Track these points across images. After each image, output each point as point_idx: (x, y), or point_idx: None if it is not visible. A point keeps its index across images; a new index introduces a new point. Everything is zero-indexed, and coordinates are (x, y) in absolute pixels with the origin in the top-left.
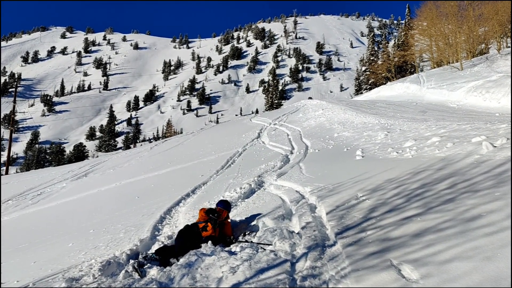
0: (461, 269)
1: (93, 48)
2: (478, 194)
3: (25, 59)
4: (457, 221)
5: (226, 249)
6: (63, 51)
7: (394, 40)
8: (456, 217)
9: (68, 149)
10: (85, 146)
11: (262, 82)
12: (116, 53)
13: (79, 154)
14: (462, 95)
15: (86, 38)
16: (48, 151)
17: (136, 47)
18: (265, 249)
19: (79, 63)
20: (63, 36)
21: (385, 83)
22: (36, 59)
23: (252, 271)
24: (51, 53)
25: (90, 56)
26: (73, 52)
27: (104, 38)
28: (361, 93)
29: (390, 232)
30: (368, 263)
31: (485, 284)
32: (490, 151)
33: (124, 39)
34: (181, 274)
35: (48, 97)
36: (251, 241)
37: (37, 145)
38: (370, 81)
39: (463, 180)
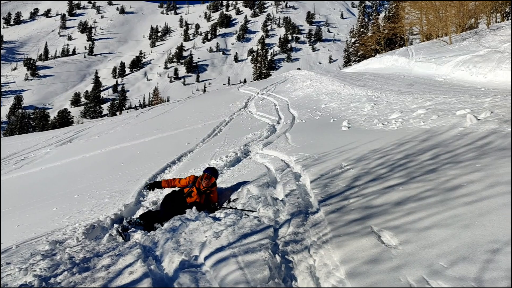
0: (440, 236)
1: (78, 11)
2: (459, 165)
3: (7, 21)
4: (438, 191)
5: (211, 215)
6: (47, 14)
7: (385, 12)
8: (437, 186)
9: (52, 114)
10: (69, 112)
11: (250, 51)
12: (102, 17)
13: (64, 120)
14: (449, 69)
15: (71, 1)
16: (31, 116)
17: (122, 11)
18: (249, 215)
19: (63, 27)
20: None
21: (374, 56)
22: (18, 21)
23: (235, 236)
24: (34, 15)
25: (74, 19)
26: (57, 14)
27: (89, 1)
28: (350, 65)
29: (372, 200)
30: (349, 229)
31: (461, 250)
32: (473, 124)
33: (110, 3)
34: (165, 238)
35: (32, 61)
36: (236, 208)
37: (20, 110)
38: (359, 53)
39: (446, 151)
